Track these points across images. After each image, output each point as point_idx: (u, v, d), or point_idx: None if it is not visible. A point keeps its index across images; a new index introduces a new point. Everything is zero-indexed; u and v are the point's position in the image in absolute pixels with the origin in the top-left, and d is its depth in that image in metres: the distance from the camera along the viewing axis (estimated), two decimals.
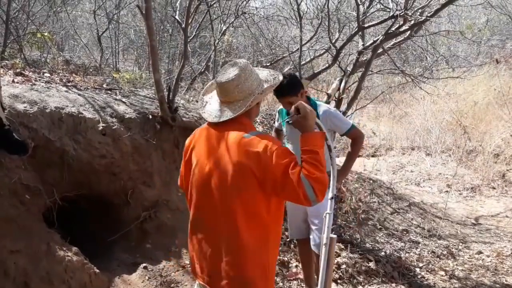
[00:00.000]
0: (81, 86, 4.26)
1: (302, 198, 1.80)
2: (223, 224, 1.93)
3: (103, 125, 3.65)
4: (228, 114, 1.98)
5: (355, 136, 3.29)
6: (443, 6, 4.51)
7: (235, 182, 1.89)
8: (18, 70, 4.18)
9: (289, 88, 2.97)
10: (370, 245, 4.78)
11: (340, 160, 5.00)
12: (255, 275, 1.94)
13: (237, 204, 1.90)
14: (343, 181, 4.54)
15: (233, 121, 1.98)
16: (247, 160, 1.86)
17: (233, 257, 1.93)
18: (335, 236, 2.12)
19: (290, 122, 3.02)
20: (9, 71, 4.12)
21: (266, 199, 1.90)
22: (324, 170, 1.87)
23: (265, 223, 1.94)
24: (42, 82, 3.99)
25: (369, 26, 5.30)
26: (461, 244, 5.32)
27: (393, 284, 4.09)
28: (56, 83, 4.10)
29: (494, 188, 7.46)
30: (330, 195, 2.15)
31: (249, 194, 1.88)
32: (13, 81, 3.78)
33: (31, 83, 3.83)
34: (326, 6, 5.51)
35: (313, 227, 3.31)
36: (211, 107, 2.09)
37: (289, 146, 3.31)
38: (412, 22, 4.79)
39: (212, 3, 5.79)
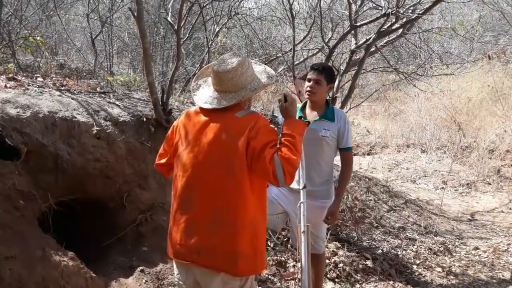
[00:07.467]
0: (74, 90, 4.24)
1: (271, 175, 1.93)
2: (216, 203, 2.01)
3: (97, 128, 3.63)
4: (219, 103, 2.07)
5: (348, 159, 3.15)
6: (434, 3, 4.55)
7: (229, 162, 1.99)
8: (10, 75, 4.16)
9: (330, 72, 3.04)
10: (367, 243, 4.79)
11: None
12: (245, 249, 2.03)
13: (231, 183, 1.99)
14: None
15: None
16: (239, 136, 1.97)
17: (226, 233, 2.00)
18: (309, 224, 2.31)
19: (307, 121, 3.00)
20: (2, 76, 4.10)
21: (250, 179, 2.00)
22: (297, 154, 2.00)
23: (252, 201, 2.03)
24: (35, 87, 3.97)
25: (362, 25, 5.32)
26: (457, 240, 5.34)
27: (391, 282, 4.09)
28: (49, 88, 4.08)
29: (489, 183, 7.49)
30: (302, 185, 2.31)
31: (242, 174, 1.98)
32: (5, 86, 3.77)
33: (23, 88, 3.81)
34: (318, 6, 5.52)
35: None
36: (204, 91, 2.17)
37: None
38: (404, 19, 4.81)
39: (204, 5, 5.79)
